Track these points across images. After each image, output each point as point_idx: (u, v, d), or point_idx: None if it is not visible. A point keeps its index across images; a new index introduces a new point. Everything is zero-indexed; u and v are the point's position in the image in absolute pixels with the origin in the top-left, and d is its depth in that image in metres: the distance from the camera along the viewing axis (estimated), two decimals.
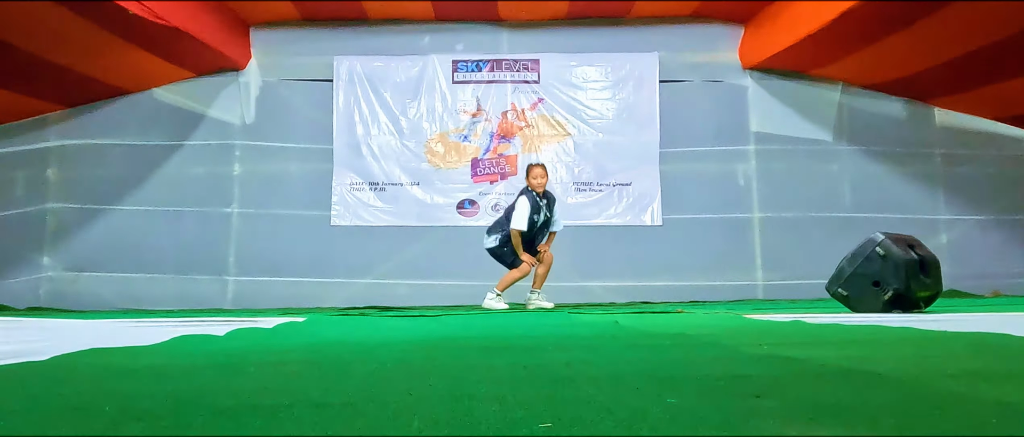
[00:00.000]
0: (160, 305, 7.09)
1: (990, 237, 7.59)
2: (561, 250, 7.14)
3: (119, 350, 2.25)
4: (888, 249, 4.14)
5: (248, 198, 7.62)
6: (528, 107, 7.88)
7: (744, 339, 2.43)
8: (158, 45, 6.67)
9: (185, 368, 1.85)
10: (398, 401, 1.20)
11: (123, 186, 7.54)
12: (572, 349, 2.18)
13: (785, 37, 7.02)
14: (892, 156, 7.72)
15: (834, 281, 4.40)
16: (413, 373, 1.61)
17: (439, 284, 7.42)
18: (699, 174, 7.69)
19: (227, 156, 7.65)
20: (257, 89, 7.77)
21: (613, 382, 1.40)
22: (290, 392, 1.35)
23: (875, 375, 1.47)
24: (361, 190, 7.73)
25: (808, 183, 7.68)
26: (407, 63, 7.88)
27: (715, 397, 1.21)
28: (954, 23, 5.93)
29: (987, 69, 6.64)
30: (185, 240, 7.48)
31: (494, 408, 1.12)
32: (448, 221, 7.70)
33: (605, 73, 7.91)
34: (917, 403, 1.13)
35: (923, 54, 6.66)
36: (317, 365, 1.85)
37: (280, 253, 7.53)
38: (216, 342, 2.59)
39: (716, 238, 7.58)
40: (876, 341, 2.27)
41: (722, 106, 7.79)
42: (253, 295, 7.36)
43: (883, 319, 3.38)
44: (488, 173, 7.81)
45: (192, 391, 1.38)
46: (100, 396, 1.32)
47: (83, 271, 7.40)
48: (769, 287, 7.46)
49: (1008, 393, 1.20)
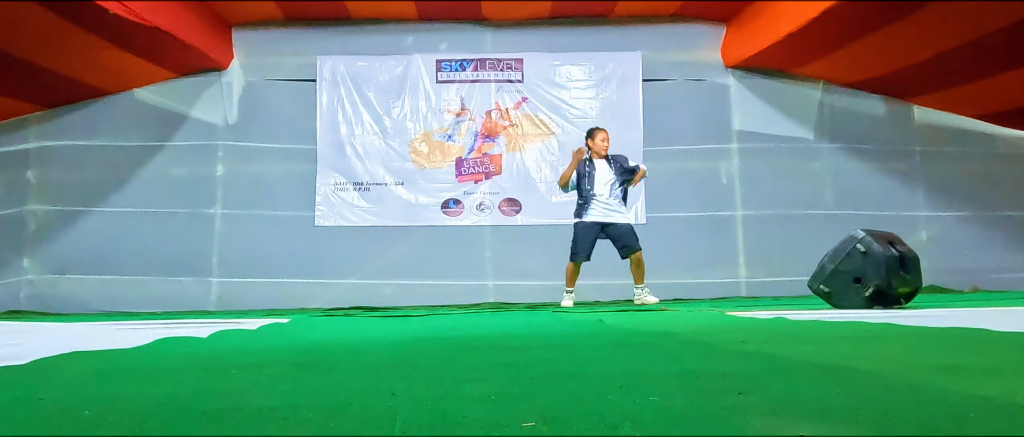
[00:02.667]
0: (143, 307, 7.03)
1: (969, 233, 7.68)
2: (545, 248, 7.16)
3: (100, 353, 2.23)
4: (869, 246, 4.18)
5: (231, 199, 7.57)
6: (512, 106, 7.89)
7: (727, 336, 2.44)
8: (139, 45, 6.62)
9: (167, 371, 1.83)
10: (382, 402, 1.20)
11: (104, 188, 7.47)
12: (557, 348, 2.19)
13: (766, 36, 7.07)
14: (873, 154, 7.79)
15: (816, 278, 4.43)
16: (397, 374, 1.60)
17: (424, 284, 7.42)
18: (682, 172, 7.73)
19: (210, 157, 7.60)
20: (240, 89, 7.72)
21: (597, 380, 1.40)
22: (273, 394, 1.34)
23: (855, 370, 1.49)
24: (345, 190, 7.70)
25: (790, 181, 7.74)
26: (391, 63, 7.86)
27: (698, 394, 1.21)
28: (932, 22, 6.00)
29: (965, 67, 6.72)
30: (168, 242, 7.42)
31: (478, 408, 1.12)
32: (433, 221, 7.70)
33: (588, 72, 7.93)
34: (896, 398, 1.15)
35: (902, 52, 6.73)
36: (301, 366, 1.84)
37: (264, 254, 7.50)
38: (199, 344, 2.58)
39: (699, 236, 7.63)
40: (857, 337, 2.29)
41: (705, 105, 7.84)
42: (237, 296, 7.31)
43: (864, 315, 3.42)
44: (473, 172, 7.81)
45: (174, 394, 1.37)
46: (80, 400, 1.31)
47: (64, 273, 7.33)
48: (752, 284, 7.51)
49: (985, 387, 1.21)
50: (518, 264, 7.55)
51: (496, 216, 7.74)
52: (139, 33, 6.21)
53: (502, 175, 7.80)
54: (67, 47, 6.25)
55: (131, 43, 6.52)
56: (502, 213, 7.74)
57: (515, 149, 7.84)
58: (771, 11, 6.94)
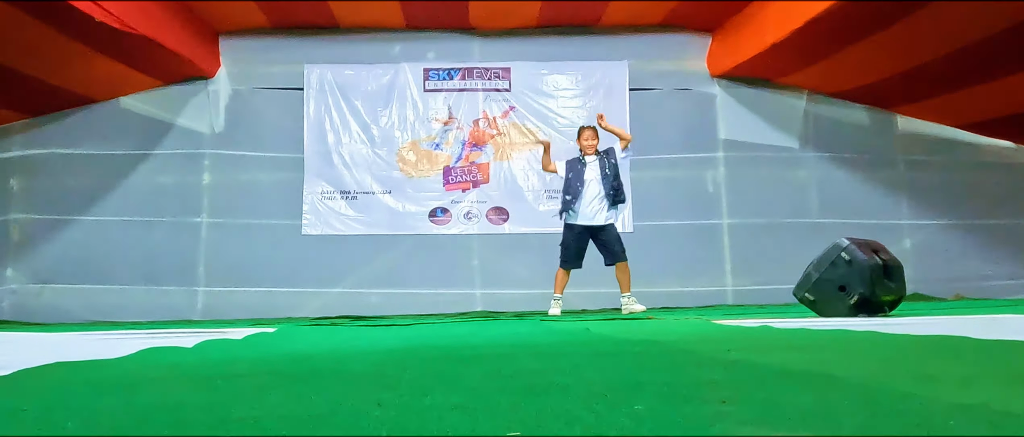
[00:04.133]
0: (128, 317, 6.97)
1: (951, 241, 7.75)
2: (532, 257, 7.17)
3: (84, 364, 2.22)
4: (853, 254, 4.21)
5: (218, 208, 7.54)
6: (499, 115, 7.90)
7: (712, 345, 2.45)
8: (125, 53, 6.58)
9: (152, 381, 1.82)
10: (368, 412, 1.20)
11: (89, 196, 7.42)
12: (542, 357, 2.19)
13: (752, 46, 7.12)
14: (857, 163, 7.86)
15: (801, 286, 4.46)
16: (383, 383, 1.60)
17: (412, 293, 7.40)
18: (669, 181, 7.77)
19: (196, 165, 7.57)
20: (227, 97, 7.70)
21: (582, 389, 1.41)
22: (259, 405, 1.34)
23: (839, 379, 1.50)
24: (332, 199, 7.68)
25: (776, 189, 7.79)
26: (378, 71, 7.86)
27: (682, 403, 1.22)
28: (914, 33, 6.07)
29: (947, 77, 6.80)
30: (154, 251, 7.38)
31: (463, 418, 1.13)
32: (420, 229, 7.69)
33: (575, 81, 7.96)
34: (878, 405, 1.16)
35: (885, 63, 6.80)
36: (287, 377, 1.84)
37: (250, 263, 7.46)
38: (184, 354, 2.56)
39: (686, 244, 7.66)
40: (841, 345, 2.31)
41: (691, 114, 7.89)
42: (223, 306, 7.27)
43: (849, 323, 3.44)
44: (460, 181, 7.81)
45: (158, 405, 1.37)
46: (63, 411, 1.30)
47: (48, 283, 7.26)
48: (738, 292, 7.54)
49: (966, 394, 1.23)
50: (505, 273, 7.56)
51: (484, 225, 7.74)
52: (125, 41, 6.18)
53: (490, 184, 7.81)
54: (52, 54, 6.21)
55: (117, 51, 6.48)
56: (489, 222, 7.75)
57: (502, 158, 7.85)
58: (756, 21, 7.00)
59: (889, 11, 5.84)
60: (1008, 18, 5.59)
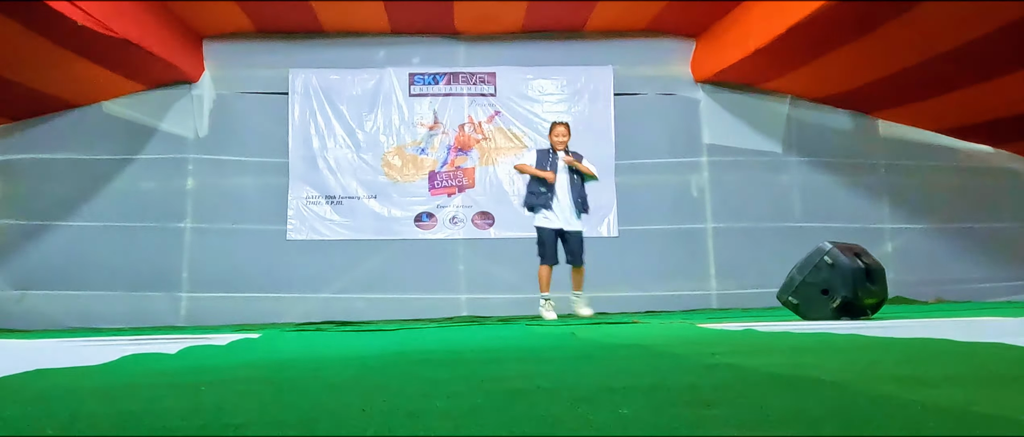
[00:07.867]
0: (110, 323, 6.92)
1: (933, 245, 7.84)
2: (518, 261, 7.17)
3: (65, 370, 2.20)
4: (836, 258, 4.24)
5: (201, 213, 7.49)
6: (485, 120, 7.91)
7: (697, 348, 2.46)
8: (107, 57, 6.53)
9: (134, 388, 1.81)
10: (352, 418, 1.20)
11: (71, 202, 7.35)
12: (528, 361, 2.19)
13: (735, 51, 7.18)
14: (839, 167, 7.93)
15: (785, 290, 4.48)
16: (368, 389, 1.60)
17: (397, 298, 7.39)
18: (653, 186, 7.80)
19: (180, 170, 7.52)
20: (211, 102, 7.66)
21: (567, 394, 1.41)
22: (243, 411, 1.33)
23: (821, 382, 1.51)
24: (317, 204, 7.66)
25: (759, 194, 7.84)
26: (363, 76, 7.85)
27: (666, 407, 1.23)
28: (896, 39, 6.14)
29: (928, 83, 6.89)
30: (136, 256, 7.32)
31: (448, 423, 1.13)
32: (406, 234, 7.68)
33: (561, 86, 7.99)
34: (859, 408, 1.17)
35: (867, 68, 6.87)
36: (271, 383, 1.83)
37: (234, 268, 7.41)
38: (167, 361, 2.54)
39: (671, 249, 7.69)
40: (824, 348, 2.32)
41: (675, 119, 7.93)
42: (207, 312, 7.22)
43: (832, 326, 3.46)
44: (445, 186, 7.81)
45: (141, 412, 1.35)
46: (44, 418, 1.29)
47: (29, 289, 7.19)
48: (723, 296, 7.58)
49: (946, 396, 1.24)
50: (491, 277, 7.56)
51: (469, 229, 7.74)
52: (108, 45, 6.13)
53: (475, 188, 7.81)
54: (33, 58, 6.15)
55: (99, 55, 6.44)
56: (475, 226, 7.75)
57: (488, 162, 7.86)
58: (740, 27, 7.06)
59: (870, 17, 5.91)
60: (987, 24, 5.66)
